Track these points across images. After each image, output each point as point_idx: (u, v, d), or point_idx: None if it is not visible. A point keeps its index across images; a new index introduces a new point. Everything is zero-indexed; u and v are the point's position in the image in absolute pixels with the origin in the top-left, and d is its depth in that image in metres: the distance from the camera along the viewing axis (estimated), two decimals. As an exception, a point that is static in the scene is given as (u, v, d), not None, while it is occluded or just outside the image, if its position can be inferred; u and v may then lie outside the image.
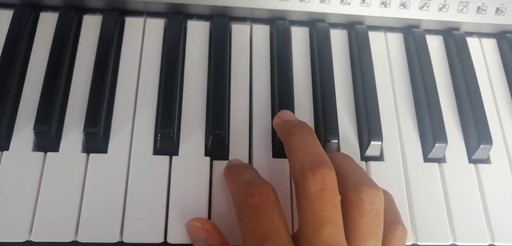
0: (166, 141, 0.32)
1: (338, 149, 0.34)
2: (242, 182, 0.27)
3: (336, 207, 0.25)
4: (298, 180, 0.26)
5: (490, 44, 0.40)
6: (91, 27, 0.36)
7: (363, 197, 0.25)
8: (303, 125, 0.29)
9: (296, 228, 0.27)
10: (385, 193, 0.30)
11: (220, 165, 0.32)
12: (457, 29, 0.40)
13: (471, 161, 0.35)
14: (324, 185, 0.25)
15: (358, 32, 0.38)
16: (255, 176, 0.28)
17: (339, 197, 0.26)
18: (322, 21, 0.39)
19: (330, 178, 0.25)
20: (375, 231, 0.26)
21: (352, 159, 0.29)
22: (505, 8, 0.38)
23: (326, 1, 0.37)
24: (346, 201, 0.26)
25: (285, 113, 0.32)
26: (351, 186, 0.26)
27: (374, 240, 0.26)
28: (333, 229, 0.24)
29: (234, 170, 0.30)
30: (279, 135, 0.31)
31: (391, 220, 0.28)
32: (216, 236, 0.28)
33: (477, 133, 0.35)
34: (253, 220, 0.25)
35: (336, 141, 0.33)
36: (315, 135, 0.29)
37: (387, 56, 0.39)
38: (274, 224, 0.25)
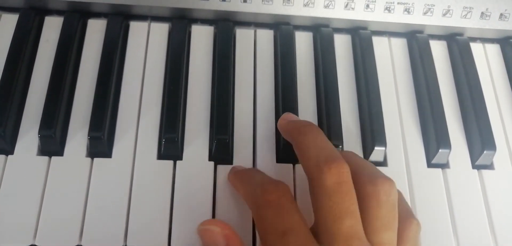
0: (171, 146, 0.32)
1: (342, 154, 0.34)
2: (257, 182, 0.27)
3: (353, 199, 0.25)
4: (314, 175, 0.26)
5: (493, 50, 0.40)
6: (95, 32, 0.36)
7: (380, 189, 0.26)
8: (311, 123, 0.29)
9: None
10: None
11: (224, 170, 0.32)
12: (461, 34, 0.40)
13: (474, 166, 0.35)
14: (341, 178, 0.25)
15: (362, 37, 0.38)
16: (267, 177, 0.28)
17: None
18: (326, 26, 0.39)
19: (346, 171, 0.25)
20: (392, 223, 0.26)
21: (360, 156, 0.30)
22: (509, 13, 0.38)
23: (330, 6, 0.37)
24: (362, 193, 0.26)
25: (289, 115, 0.32)
26: (366, 178, 0.26)
27: (391, 231, 0.26)
28: (353, 220, 0.24)
29: (244, 174, 0.29)
30: (287, 134, 0.31)
31: (405, 215, 0.28)
32: (237, 241, 0.27)
33: (480, 138, 0.35)
34: (273, 215, 0.25)
35: (340, 146, 0.33)
36: (323, 132, 0.29)
37: (390, 61, 0.39)
38: (294, 218, 0.24)
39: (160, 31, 0.37)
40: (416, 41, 0.39)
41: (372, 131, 0.34)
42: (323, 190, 0.25)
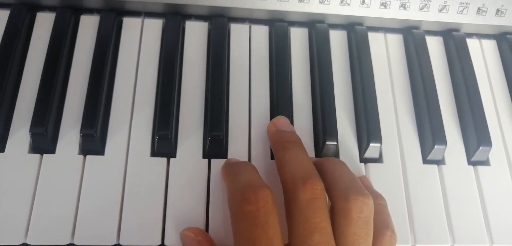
0: (164, 143, 0.31)
1: (337, 151, 0.34)
2: (240, 185, 0.26)
3: (325, 215, 0.25)
4: (289, 190, 0.26)
5: (490, 46, 0.40)
6: (88, 28, 0.36)
7: (352, 206, 0.26)
8: (295, 141, 0.30)
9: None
10: (377, 197, 0.30)
11: (218, 164, 0.31)
12: (457, 30, 0.40)
13: (470, 163, 0.35)
14: (314, 194, 0.25)
15: (357, 33, 0.38)
16: (253, 178, 0.28)
17: (329, 204, 0.26)
18: (322, 22, 0.38)
19: (319, 188, 0.26)
20: (363, 240, 0.26)
21: (344, 164, 0.30)
22: (505, 9, 0.38)
23: (326, 2, 0.37)
24: (335, 209, 0.26)
25: (279, 121, 0.32)
26: (340, 193, 0.26)
27: None
28: (322, 236, 0.25)
29: (232, 169, 0.29)
30: (271, 144, 0.31)
31: (381, 226, 0.28)
32: None
33: (476, 134, 0.34)
34: (248, 229, 0.25)
35: (335, 143, 0.33)
36: (305, 150, 0.29)
37: (386, 57, 0.38)
38: (268, 236, 0.24)
39: (154, 27, 0.37)
40: (412, 37, 0.39)
41: (368, 127, 0.34)
42: (296, 205, 0.25)
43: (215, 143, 0.32)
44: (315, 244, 0.24)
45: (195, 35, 0.37)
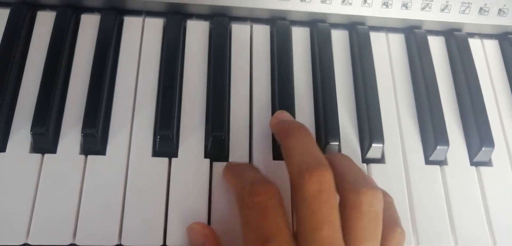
0: (166, 143, 0.31)
1: (339, 151, 0.33)
2: (247, 180, 0.27)
3: (333, 208, 0.25)
4: (295, 181, 0.26)
5: (492, 46, 0.40)
6: (89, 27, 0.36)
7: (362, 199, 0.25)
8: (300, 126, 0.29)
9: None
10: (385, 194, 0.29)
11: (220, 167, 0.31)
12: (459, 30, 0.40)
13: (472, 163, 0.35)
14: (321, 186, 0.25)
15: (359, 33, 0.38)
16: (259, 175, 0.28)
17: (337, 198, 0.26)
18: (323, 21, 0.38)
19: (327, 179, 0.25)
20: (373, 234, 0.26)
21: (351, 159, 0.29)
22: (508, 9, 0.38)
23: (327, 1, 0.37)
24: (345, 202, 0.26)
25: (281, 114, 0.32)
26: (350, 187, 0.26)
27: (371, 242, 0.25)
28: (330, 230, 0.24)
29: (237, 168, 0.29)
30: (276, 135, 0.31)
31: (390, 222, 0.27)
32: (213, 241, 0.28)
33: (479, 135, 0.34)
34: (257, 219, 0.25)
35: (337, 143, 0.33)
36: (312, 136, 0.28)
37: (388, 57, 0.38)
38: (278, 224, 0.24)
39: (155, 27, 0.36)
40: (414, 37, 0.39)
41: (370, 128, 0.34)
42: (302, 197, 0.25)
43: (216, 143, 0.32)
44: (324, 238, 0.24)
45: (196, 34, 0.37)
